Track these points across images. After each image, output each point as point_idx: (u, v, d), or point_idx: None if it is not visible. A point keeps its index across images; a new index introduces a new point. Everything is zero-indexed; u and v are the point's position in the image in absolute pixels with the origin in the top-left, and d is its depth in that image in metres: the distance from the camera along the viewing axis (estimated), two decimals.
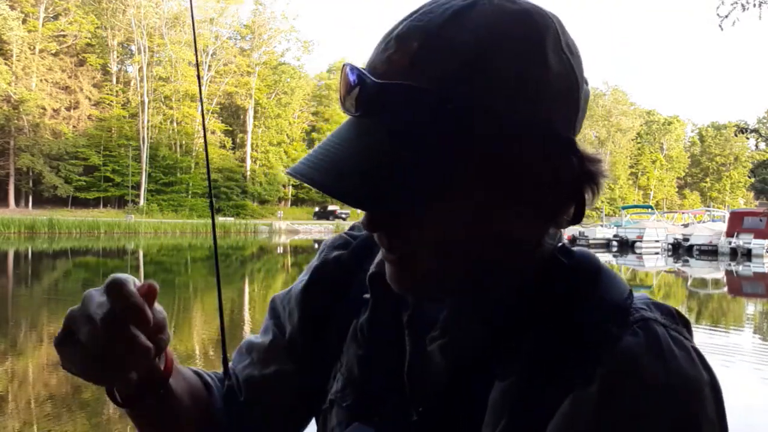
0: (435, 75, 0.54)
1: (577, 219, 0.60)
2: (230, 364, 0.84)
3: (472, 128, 0.54)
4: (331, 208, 61.26)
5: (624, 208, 54.93)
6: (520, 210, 0.58)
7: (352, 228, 0.83)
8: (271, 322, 0.83)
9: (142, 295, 0.60)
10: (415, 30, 0.57)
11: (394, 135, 0.55)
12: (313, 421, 0.80)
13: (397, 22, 0.60)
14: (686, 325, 0.61)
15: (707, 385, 0.55)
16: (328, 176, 0.56)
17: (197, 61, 0.90)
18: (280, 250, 34.57)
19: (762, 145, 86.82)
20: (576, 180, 0.58)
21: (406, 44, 0.56)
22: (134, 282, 0.60)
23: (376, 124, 0.57)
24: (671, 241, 36.15)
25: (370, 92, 0.57)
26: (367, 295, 0.72)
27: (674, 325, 0.59)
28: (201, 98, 0.89)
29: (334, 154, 0.57)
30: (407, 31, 0.57)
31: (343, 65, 0.61)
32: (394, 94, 0.55)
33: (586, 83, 0.61)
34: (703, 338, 9.30)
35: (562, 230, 0.64)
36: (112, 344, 0.56)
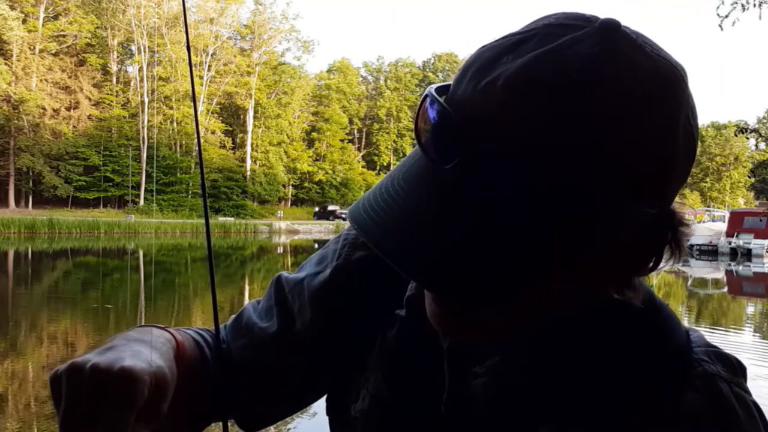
0: (551, 148, 0.46)
1: (650, 271, 0.55)
2: (225, 331, 0.81)
3: (584, 217, 0.47)
4: (331, 208, 61.32)
5: None
6: (602, 278, 0.54)
7: None
8: (276, 308, 0.77)
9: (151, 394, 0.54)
10: (532, 83, 0.46)
11: (486, 210, 0.47)
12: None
13: (500, 49, 0.50)
14: (744, 373, 0.58)
15: None
16: (394, 241, 0.49)
17: (189, 56, 0.82)
18: (280, 250, 34.56)
19: (762, 145, 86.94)
20: (663, 246, 0.53)
21: (518, 100, 0.46)
22: (148, 385, 0.54)
23: (461, 185, 0.48)
24: None
25: (465, 153, 0.47)
26: (399, 311, 0.69)
27: (736, 378, 0.55)
28: (192, 89, 0.82)
29: (405, 211, 0.50)
30: (521, 82, 0.47)
31: (426, 95, 0.51)
32: (497, 162, 0.47)
33: None
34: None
35: None
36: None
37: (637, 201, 0.48)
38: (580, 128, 0.46)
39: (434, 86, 0.52)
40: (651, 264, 0.54)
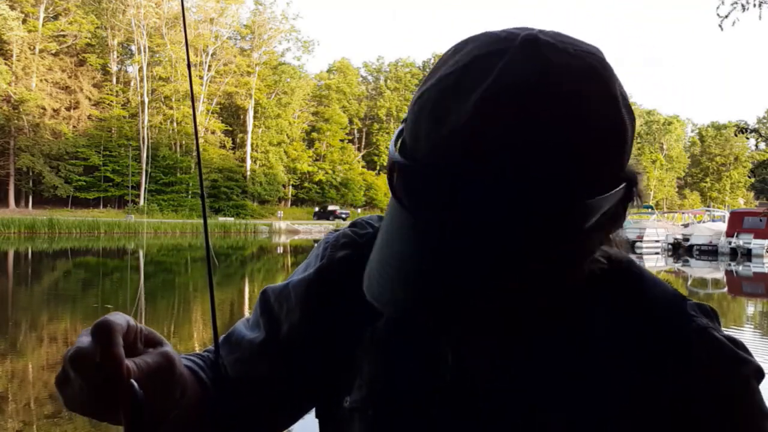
0: (518, 150, 0.50)
1: (618, 226, 0.60)
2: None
3: (558, 213, 0.52)
4: (331, 208, 61.37)
5: None
6: (585, 257, 0.59)
7: (354, 225, 0.79)
8: (262, 318, 0.78)
9: (133, 337, 0.56)
10: (486, 120, 0.50)
11: (465, 212, 0.52)
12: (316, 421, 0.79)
13: (443, 94, 0.53)
14: (718, 317, 0.66)
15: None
16: (386, 291, 0.55)
17: (188, 54, 0.79)
18: (280, 250, 34.55)
19: (762, 145, 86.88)
20: (628, 203, 0.58)
21: (480, 134, 0.50)
22: (126, 324, 0.55)
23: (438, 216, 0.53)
24: (671, 241, 36.12)
25: (438, 197, 0.52)
26: None
27: (716, 325, 0.64)
28: (191, 90, 0.81)
29: (397, 260, 0.55)
30: (479, 120, 0.50)
31: (393, 161, 0.56)
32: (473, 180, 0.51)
33: None
34: None
35: None
36: (93, 388, 0.54)
37: (607, 188, 0.53)
38: (555, 137, 0.50)
39: (392, 142, 0.57)
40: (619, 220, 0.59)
